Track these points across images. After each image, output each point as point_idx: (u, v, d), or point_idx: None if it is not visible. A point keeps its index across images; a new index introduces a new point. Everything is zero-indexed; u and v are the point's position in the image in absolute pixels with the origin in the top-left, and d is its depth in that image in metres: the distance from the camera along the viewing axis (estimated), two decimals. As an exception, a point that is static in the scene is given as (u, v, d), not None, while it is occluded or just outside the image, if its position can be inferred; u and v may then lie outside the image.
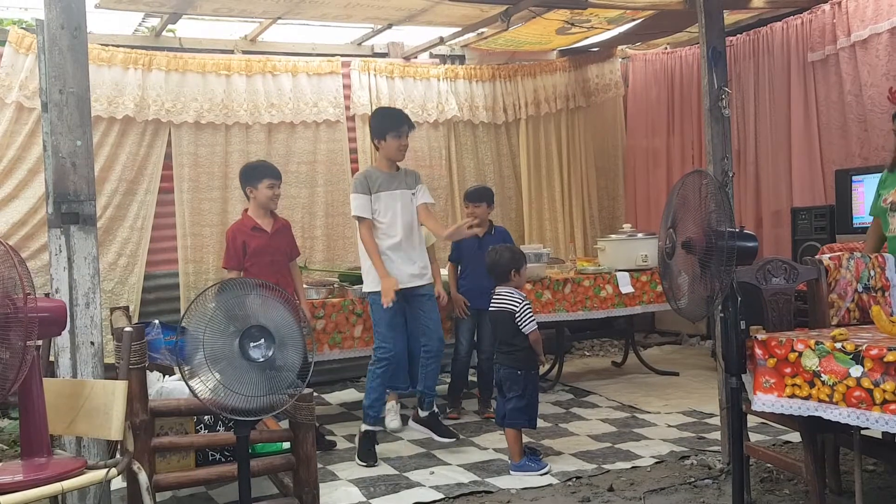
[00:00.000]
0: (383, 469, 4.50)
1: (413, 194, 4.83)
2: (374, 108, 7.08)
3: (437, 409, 5.08)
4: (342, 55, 7.15)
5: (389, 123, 4.81)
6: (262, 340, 2.89)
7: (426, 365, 4.86)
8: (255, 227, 4.85)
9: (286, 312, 2.99)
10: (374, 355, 4.76)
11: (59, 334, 3.05)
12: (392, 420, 5.31)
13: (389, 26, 6.79)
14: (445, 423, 5.18)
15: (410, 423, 5.19)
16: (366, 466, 4.50)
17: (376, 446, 4.64)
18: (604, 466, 4.38)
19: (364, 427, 4.68)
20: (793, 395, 3.04)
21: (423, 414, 5.00)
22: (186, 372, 2.84)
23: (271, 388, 2.93)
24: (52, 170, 3.22)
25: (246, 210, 4.96)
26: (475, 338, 5.68)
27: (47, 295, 3.28)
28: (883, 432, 3.37)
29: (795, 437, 4.26)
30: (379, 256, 4.67)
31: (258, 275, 4.56)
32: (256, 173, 4.87)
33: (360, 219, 4.76)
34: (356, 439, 4.74)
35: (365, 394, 4.77)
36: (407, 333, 5.00)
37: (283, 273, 4.95)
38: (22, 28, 6.00)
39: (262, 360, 2.88)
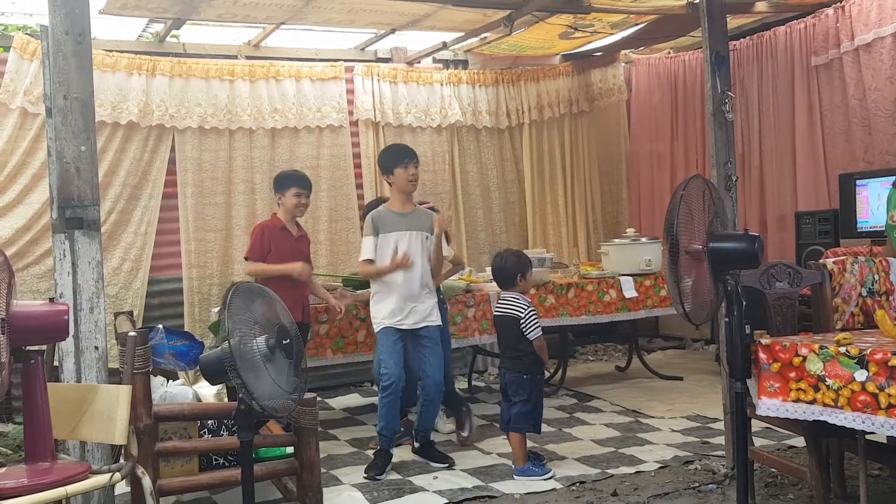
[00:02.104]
0: (387, 474, 4.50)
1: (427, 238, 4.75)
2: (377, 112, 7.11)
3: (432, 438, 4.91)
4: (345, 60, 7.16)
5: (395, 157, 4.82)
6: (289, 340, 2.91)
7: (423, 406, 4.78)
8: (283, 227, 4.98)
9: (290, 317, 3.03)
10: (380, 382, 4.72)
11: (64, 339, 3.06)
12: (443, 425, 5.35)
13: (392, 31, 6.80)
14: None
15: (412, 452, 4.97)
16: (366, 478, 4.46)
17: (387, 466, 4.61)
18: (608, 471, 4.37)
19: (380, 446, 4.68)
20: (797, 400, 3.04)
21: (416, 445, 4.85)
22: (239, 365, 2.83)
23: (295, 388, 2.95)
24: (57, 175, 3.23)
25: (275, 214, 5.07)
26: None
27: (52, 300, 3.28)
28: (888, 437, 3.36)
29: (800, 441, 4.25)
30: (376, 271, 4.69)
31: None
32: (286, 181, 5.02)
33: (367, 262, 4.73)
34: (373, 454, 4.73)
35: (378, 417, 4.71)
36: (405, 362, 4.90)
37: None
38: (26, 34, 6.02)
39: (293, 359, 2.91)
